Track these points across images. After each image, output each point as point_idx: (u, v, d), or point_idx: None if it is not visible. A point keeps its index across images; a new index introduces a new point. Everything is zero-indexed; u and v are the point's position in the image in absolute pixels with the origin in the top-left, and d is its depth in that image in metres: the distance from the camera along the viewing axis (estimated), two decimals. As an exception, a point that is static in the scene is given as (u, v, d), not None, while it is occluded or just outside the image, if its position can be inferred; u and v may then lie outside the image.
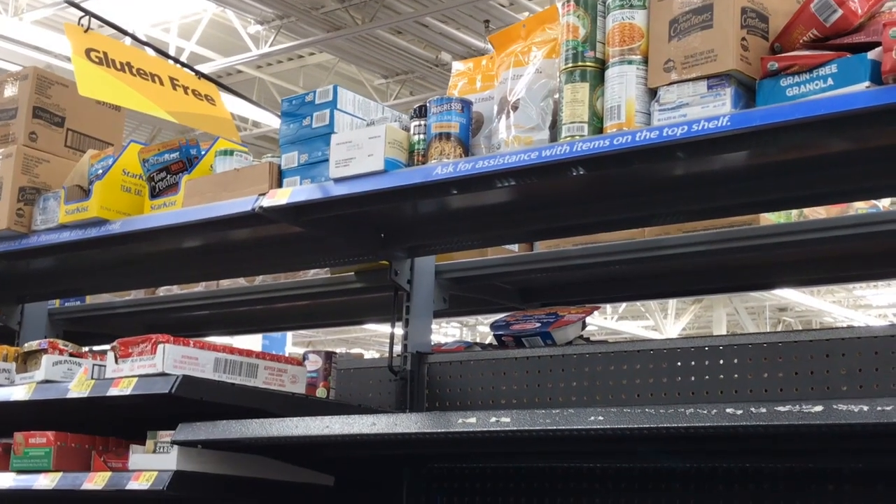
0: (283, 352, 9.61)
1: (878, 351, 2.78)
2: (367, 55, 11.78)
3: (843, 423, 2.07)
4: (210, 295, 4.32)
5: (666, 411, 2.29)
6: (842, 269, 3.42)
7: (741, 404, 2.20)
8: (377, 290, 3.81)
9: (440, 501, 3.46)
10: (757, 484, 2.89)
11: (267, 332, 4.58)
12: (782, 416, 2.13)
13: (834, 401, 2.10)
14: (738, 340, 3.02)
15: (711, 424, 2.22)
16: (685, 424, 2.25)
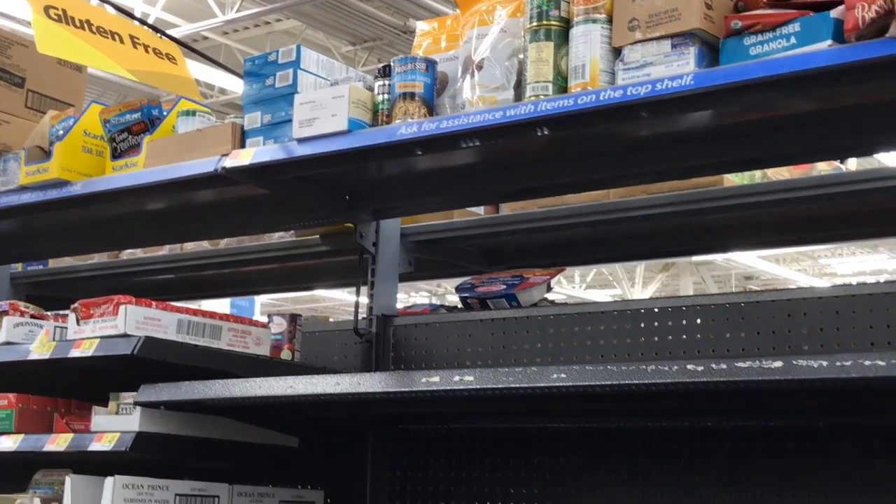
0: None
1: (839, 311, 2.80)
2: (334, 21, 11.68)
3: (803, 379, 2.09)
4: (174, 258, 4.29)
5: (628, 368, 2.30)
6: (805, 231, 3.44)
7: (702, 360, 2.21)
8: (343, 254, 3.80)
9: (405, 463, 3.46)
10: (719, 443, 2.92)
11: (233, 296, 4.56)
12: (742, 372, 2.15)
13: (793, 356, 2.11)
14: (700, 301, 3.03)
15: (672, 381, 2.23)
16: (647, 381, 2.26)
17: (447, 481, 3.38)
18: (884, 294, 2.74)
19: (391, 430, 3.47)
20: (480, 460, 3.33)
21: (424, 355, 3.48)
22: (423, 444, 3.44)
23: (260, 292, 5.06)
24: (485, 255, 3.90)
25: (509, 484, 3.26)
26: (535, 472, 3.21)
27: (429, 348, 3.48)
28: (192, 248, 4.25)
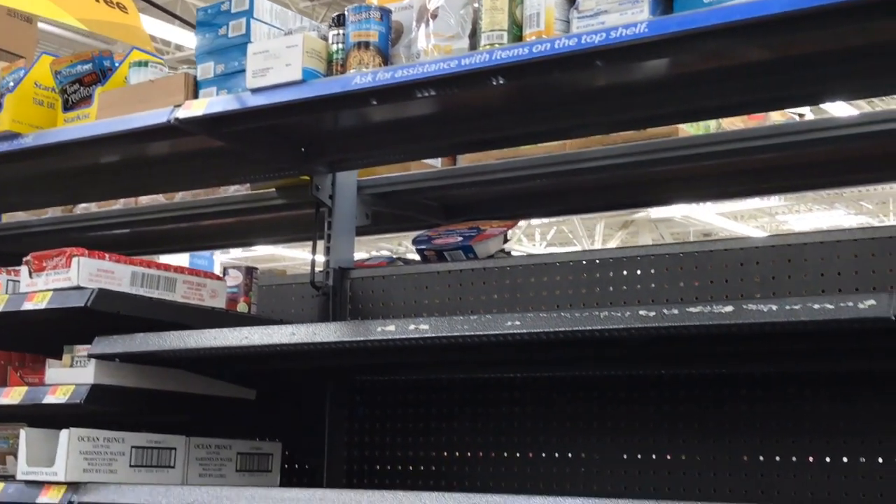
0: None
1: (791, 259, 2.83)
2: (292, -24, 11.56)
3: (753, 323, 2.11)
4: (128, 213, 4.25)
5: (581, 315, 2.32)
6: (760, 181, 3.46)
7: (653, 306, 2.23)
8: (299, 207, 3.78)
9: (363, 413, 3.48)
10: (672, 391, 2.95)
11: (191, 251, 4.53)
12: (693, 317, 2.17)
13: (744, 301, 2.13)
14: (654, 251, 3.05)
15: (625, 327, 2.25)
16: (599, 327, 2.28)
17: (405, 432, 3.40)
18: (835, 242, 2.77)
19: (349, 381, 3.48)
20: (438, 410, 3.35)
21: (381, 308, 3.48)
22: (381, 395, 3.46)
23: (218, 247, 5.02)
24: (442, 208, 3.89)
25: (466, 434, 3.28)
26: (493, 421, 3.24)
27: (386, 301, 3.48)
28: (147, 202, 4.21)
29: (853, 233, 2.78)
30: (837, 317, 2.02)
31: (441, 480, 3.29)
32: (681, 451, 2.92)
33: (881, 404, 2.66)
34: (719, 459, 2.85)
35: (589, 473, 3.05)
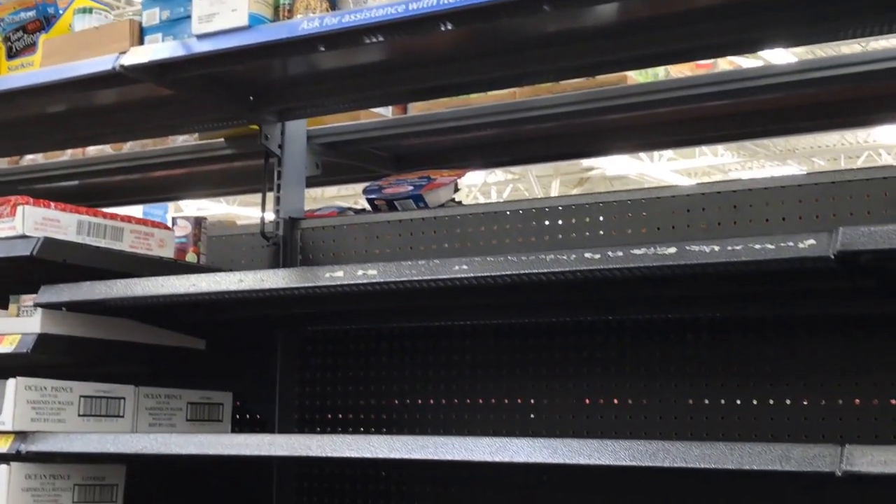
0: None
1: (737, 205, 2.86)
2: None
3: (695, 264, 2.14)
4: (76, 164, 4.20)
5: (528, 258, 2.33)
6: (708, 129, 3.49)
7: (599, 249, 2.25)
8: (249, 157, 3.76)
9: (314, 364, 3.48)
10: (619, 336, 2.98)
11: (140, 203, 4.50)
12: (638, 259, 2.19)
13: (686, 243, 2.16)
14: (603, 198, 3.07)
15: (571, 270, 2.27)
16: (545, 270, 2.30)
17: (356, 381, 3.41)
18: (779, 188, 2.80)
19: (300, 331, 3.48)
20: (389, 359, 3.36)
21: (332, 258, 3.47)
22: (332, 344, 3.46)
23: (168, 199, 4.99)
24: (393, 158, 3.89)
25: (417, 382, 3.30)
26: (443, 369, 3.26)
27: (336, 251, 3.48)
28: (95, 152, 4.16)
29: (797, 178, 2.81)
30: (778, 256, 2.05)
31: (392, 429, 3.31)
32: (628, 395, 2.95)
33: (823, 347, 2.71)
34: (665, 403, 2.89)
35: (538, 419, 3.08)
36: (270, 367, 3.49)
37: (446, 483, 3.20)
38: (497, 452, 2.30)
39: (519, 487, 3.09)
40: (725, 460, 2.05)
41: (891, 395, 2.60)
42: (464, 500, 3.17)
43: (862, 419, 2.63)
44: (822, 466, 1.96)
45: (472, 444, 2.33)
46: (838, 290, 2.53)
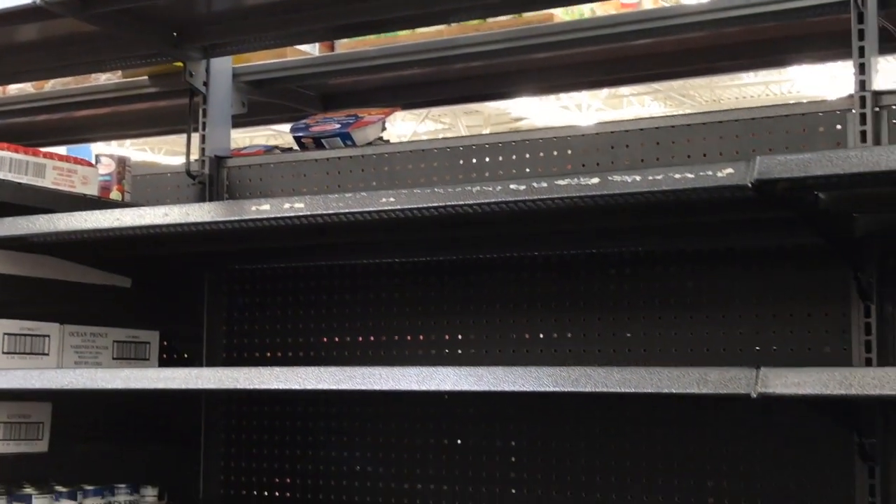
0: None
1: (660, 142, 2.90)
2: None
3: (617, 194, 2.17)
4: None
5: (454, 190, 2.35)
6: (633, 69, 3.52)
7: (524, 180, 2.27)
8: (174, 96, 3.71)
9: (242, 303, 3.48)
10: (545, 272, 3.02)
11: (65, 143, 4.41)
12: (562, 189, 2.22)
13: (609, 173, 2.19)
14: (529, 136, 3.10)
15: (496, 201, 2.29)
16: (471, 202, 2.32)
17: (284, 319, 3.42)
18: (701, 125, 2.85)
19: (228, 269, 3.48)
20: (318, 297, 3.37)
21: (259, 196, 3.46)
22: (259, 282, 3.46)
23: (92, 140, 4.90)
24: (321, 97, 3.87)
25: (346, 319, 3.32)
26: (371, 306, 3.28)
27: (263, 189, 3.47)
28: (16, 91, 4.08)
29: (717, 115, 2.86)
30: (697, 185, 2.09)
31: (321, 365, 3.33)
32: (553, 329, 3.00)
33: (742, 279, 2.77)
34: (590, 336, 2.94)
35: (466, 354, 3.12)
36: (198, 306, 3.48)
37: (375, 418, 3.23)
38: (424, 381, 2.33)
39: (447, 419, 3.13)
40: (645, 384, 2.10)
41: (806, 325, 2.68)
42: (392, 433, 3.20)
43: (780, 347, 2.71)
44: (738, 389, 2.02)
45: (399, 373, 2.36)
46: (758, 221, 2.59)
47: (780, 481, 2.70)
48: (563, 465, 2.96)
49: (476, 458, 3.08)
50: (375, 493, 3.20)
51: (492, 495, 3.04)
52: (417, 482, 3.15)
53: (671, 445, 2.83)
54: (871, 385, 1.91)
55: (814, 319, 2.68)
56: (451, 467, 3.11)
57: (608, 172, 2.19)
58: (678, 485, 2.80)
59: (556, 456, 2.97)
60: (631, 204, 2.26)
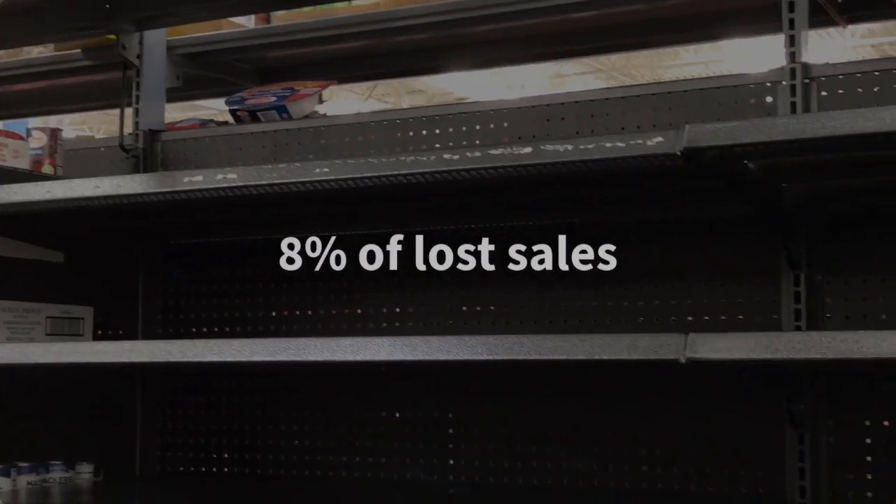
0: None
1: (595, 114, 2.92)
2: None
3: (550, 163, 2.19)
4: (-76, 76, 4.02)
5: (388, 160, 2.35)
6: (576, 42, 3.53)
7: (458, 150, 2.28)
8: (107, 69, 3.66)
9: (178, 277, 3.45)
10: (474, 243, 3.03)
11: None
12: (495, 159, 2.23)
13: (541, 142, 2.20)
14: (466, 108, 3.11)
15: (430, 171, 2.30)
16: (405, 171, 2.32)
17: (221, 295, 3.40)
18: (634, 97, 2.88)
19: (163, 244, 3.44)
20: (255, 272, 3.36)
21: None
22: (195, 257, 3.43)
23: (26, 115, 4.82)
24: (257, 71, 3.84)
25: (283, 294, 3.30)
26: (309, 280, 3.26)
27: (199, 163, 3.43)
28: (-56, 66, 4.00)
29: (651, 87, 2.89)
30: (628, 154, 2.11)
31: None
32: (491, 300, 3.02)
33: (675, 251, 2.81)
34: (527, 307, 2.96)
35: (402, 326, 3.13)
36: (133, 281, 3.45)
37: (312, 391, 3.23)
38: (358, 352, 2.33)
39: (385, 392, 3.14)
40: (577, 351, 2.12)
41: (738, 294, 2.72)
42: (330, 407, 3.20)
43: (712, 317, 2.75)
44: (668, 354, 2.05)
45: (335, 344, 2.36)
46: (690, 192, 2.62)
47: (713, 448, 2.74)
48: (501, 436, 2.98)
49: (413, 429, 3.10)
50: (314, 467, 3.20)
51: (430, 466, 3.06)
52: (356, 455, 3.16)
53: (606, 414, 2.86)
54: (796, 349, 1.95)
55: (745, 289, 2.72)
56: (388, 439, 3.12)
57: (541, 142, 2.20)
58: (612, 452, 2.84)
59: (494, 426, 2.99)
60: (564, 174, 2.27)
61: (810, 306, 2.60)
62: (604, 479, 2.84)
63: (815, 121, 1.96)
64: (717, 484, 2.72)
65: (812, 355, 1.92)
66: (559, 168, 2.21)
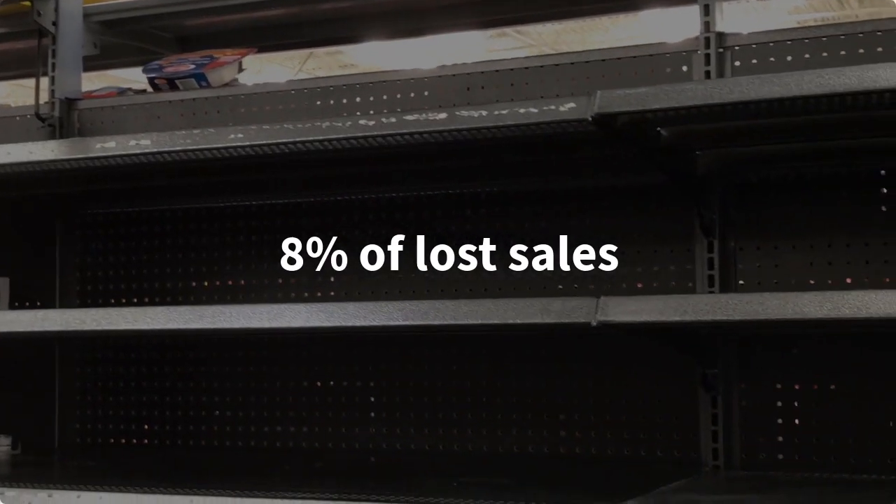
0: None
1: (514, 83, 2.93)
2: None
3: (464, 129, 2.20)
4: None
5: (304, 126, 2.34)
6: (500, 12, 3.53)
7: (373, 116, 2.28)
8: (23, 37, 3.59)
9: (95, 248, 3.40)
10: (403, 212, 3.03)
11: None
12: (410, 125, 2.24)
13: (456, 109, 2.21)
14: (386, 77, 3.09)
15: (345, 136, 2.29)
16: (321, 137, 2.31)
17: (140, 265, 3.36)
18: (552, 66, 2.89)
19: (81, 213, 3.39)
20: (175, 241, 3.32)
21: (113, 140, 3.38)
22: (114, 227, 3.39)
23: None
24: (176, 39, 3.78)
25: (203, 264, 3.28)
26: (229, 249, 3.24)
27: (116, 132, 3.36)
28: None
29: (569, 57, 2.90)
30: (541, 119, 2.13)
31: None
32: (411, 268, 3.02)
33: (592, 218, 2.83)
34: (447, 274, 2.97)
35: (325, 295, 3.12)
36: (50, 252, 3.39)
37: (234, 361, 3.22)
38: (275, 319, 2.33)
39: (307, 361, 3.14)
40: (491, 315, 2.14)
41: (653, 261, 2.76)
42: (251, 377, 3.19)
43: (628, 285, 2.78)
44: (580, 318, 2.08)
45: (250, 311, 2.35)
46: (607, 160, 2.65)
47: (629, 413, 2.78)
48: (421, 403, 2.99)
49: (335, 398, 3.10)
50: (235, 437, 3.19)
51: (351, 434, 3.07)
52: (277, 424, 3.15)
53: (525, 380, 2.88)
54: (704, 311, 1.99)
55: (660, 255, 2.76)
56: (311, 408, 3.12)
57: (456, 108, 2.21)
58: (532, 418, 2.87)
59: (414, 394, 3.00)
60: (479, 140, 2.28)
61: (723, 273, 2.65)
62: (523, 444, 2.87)
63: (723, 86, 1.99)
64: (634, 448, 2.77)
65: (719, 317, 1.96)
66: (474, 134, 2.22)
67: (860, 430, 2.55)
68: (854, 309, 1.88)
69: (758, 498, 2.10)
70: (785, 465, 2.61)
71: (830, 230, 2.60)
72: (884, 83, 1.91)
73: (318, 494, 2.18)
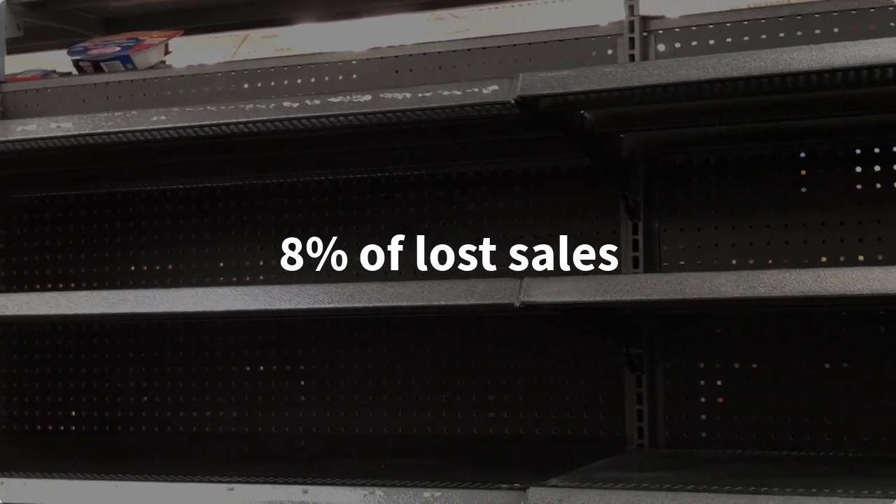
0: None
1: (442, 66, 2.93)
2: None
3: (389, 111, 2.20)
4: None
5: (227, 108, 2.32)
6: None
7: (297, 98, 2.27)
8: (-57, 18, 3.51)
9: (20, 233, 3.35)
10: (332, 196, 3.03)
11: None
12: (335, 107, 2.23)
13: (380, 91, 2.21)
14: (315, 60, 3.07)
15: (270, 118, 2.29)
16: (244, 119, 2.30)
17: (66, 249, 3.32)
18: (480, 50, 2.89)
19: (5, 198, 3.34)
20: (100, 226, 3.28)
21: (37, 123, 3.32)
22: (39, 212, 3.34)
23: None
24: (102, 21, 3.72)
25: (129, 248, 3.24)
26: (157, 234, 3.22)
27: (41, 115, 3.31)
28: None
29: (497, 40, 2.90)
30: (464, 102, 2.14)
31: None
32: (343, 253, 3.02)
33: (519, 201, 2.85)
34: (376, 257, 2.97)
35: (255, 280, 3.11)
36: (-28, 237, 3.34)
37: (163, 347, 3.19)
38: (199, 302, 2.32)
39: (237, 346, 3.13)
40: (417, 297, 2.15)
41: (579, 243, 2.78)
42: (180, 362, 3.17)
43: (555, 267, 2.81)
44: (503, 298, 2.10)
45: (174, 295, 2.34)
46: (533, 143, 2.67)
47: (557, 393, 2.81)
48: (352, 386, 3.00)
49: (265, 383, 3.09)
50: (164, 422, 3.17)
51: (281, 419, 3.06)
52: (207, 409, 3.14)
53: (454, 362, 2.90)
54: (624, 291, 2.02)
55: (586, 237, 2.78)
56: (240, 393, 3.11)
57: (380, 90, 2.21)
58: (462, 399, 2.88)
59: (345, 378, 3.01)
60: (404, 122, 2.28)
61: (648, 254, 2.68)
62: (452, 426, 2.88)
63: (642, 69, 2.02)
64: (561, 427, 2.80)
65: (638, 297, 1.99)
66: (399, 116, 2.23)
67: (781, 409, 2.61)
68: (769, 288, 1.92)
69: (679, 475, 2.14)
70: (708, 442, 2.66)
71: (752, 212, 2.65)
72: (798, 66, 1.94)
73: (246, 478, 2.18)
